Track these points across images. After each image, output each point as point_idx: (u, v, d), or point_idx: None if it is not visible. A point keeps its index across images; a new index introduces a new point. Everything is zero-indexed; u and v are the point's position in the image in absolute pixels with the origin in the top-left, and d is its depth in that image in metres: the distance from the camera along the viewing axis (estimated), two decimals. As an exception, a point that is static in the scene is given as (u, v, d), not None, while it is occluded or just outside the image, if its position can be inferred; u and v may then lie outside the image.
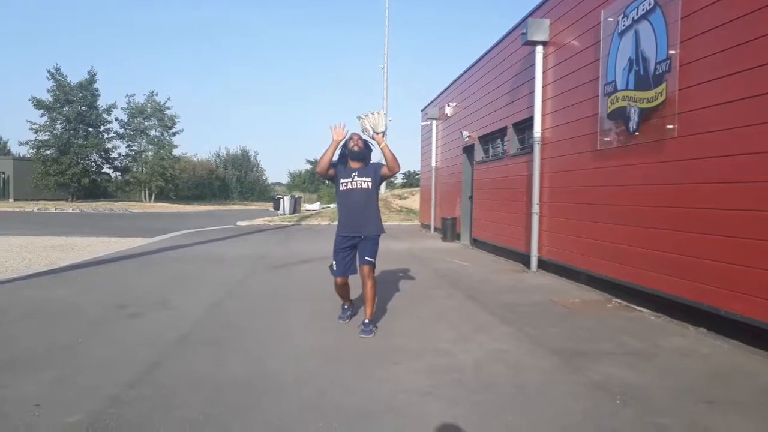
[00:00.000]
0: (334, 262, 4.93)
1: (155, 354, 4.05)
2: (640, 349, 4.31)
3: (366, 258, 4.82)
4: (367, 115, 4.75)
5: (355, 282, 5.02)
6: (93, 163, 41.85)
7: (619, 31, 6.21)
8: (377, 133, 4.74)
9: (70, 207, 33.11)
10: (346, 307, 5.21)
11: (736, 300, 4.47)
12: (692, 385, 3.53)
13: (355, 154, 4.83)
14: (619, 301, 6.15)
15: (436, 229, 15.91)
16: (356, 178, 4.81)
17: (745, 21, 4.44)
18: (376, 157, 5.02)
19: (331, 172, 4.85)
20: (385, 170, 4.84)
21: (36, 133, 39.03)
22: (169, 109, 44.26)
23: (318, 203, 38.31)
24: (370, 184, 4.82)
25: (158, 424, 2.87)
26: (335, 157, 4.86)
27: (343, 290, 5.06)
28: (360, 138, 4.84)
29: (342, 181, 4.84)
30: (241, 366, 3.83)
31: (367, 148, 4.88)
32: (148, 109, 43.57)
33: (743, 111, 4.44)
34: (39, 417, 2.95)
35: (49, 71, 39.21)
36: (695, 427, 2.89)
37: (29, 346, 4.27)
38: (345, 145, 4.86)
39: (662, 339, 4.63)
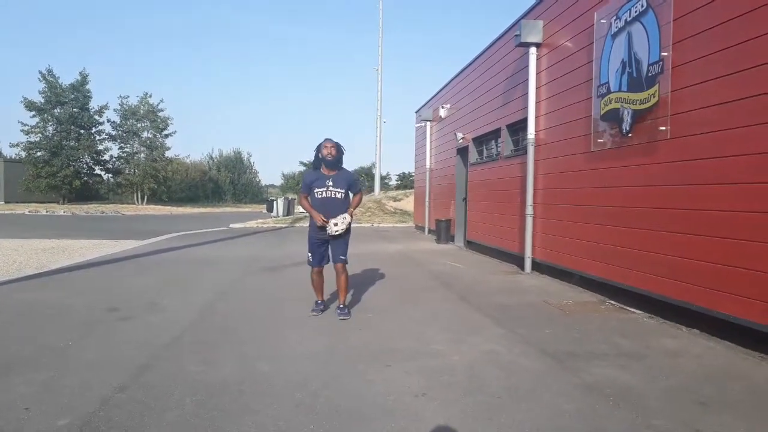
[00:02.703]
0: (309, 254, 5.46)
1: (146, 357, 4.02)
2: (633, 351, 4.32)
3: (340, 257, 5.37)
4: (336, 223, 5.20)
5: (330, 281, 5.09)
6: (84, 165, 41.55)
7: (612, 32, 6.23)
8: (349, 217, 5.27)
9: (61, 209, 32.88)
10: (319, 302, 5.58)
11: (729, 301, 4.49)
12: (685, 386, 3.54)
13: (328, 162, 5.26)
14: (613, 302, 6.16)
15: (430, 231, 15.91)
16: (331, 188, 5.27)
17: (736, 23, 4.47)
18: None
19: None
20: (354, 198, 5.47)
21: (27, 134, 38.76)
22: (162, 111, 44.10)
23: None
24: (343, 195, 5.32)
25: (149, 427, 2.85)
26: (313, 156, 5.44)
27: (318, 278, 5.52)
28: (333, 146, 5.27)
29: (317, 190, 5.30)
30: (233, 368, 3.80)
31: (339, 153, 5.31)
32: (141, 111, 43.37)
33: (735, 112, 4.46)
34: (28, 420, 2.91)
35: (41, 72, 38.99)
36: (688, 428, 2.89)
37: (19, 348, 4.22)
38: (319, 151, 5.29)
39: (655, 340, 4.64)
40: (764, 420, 3.06)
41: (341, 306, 5.42)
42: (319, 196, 5.29)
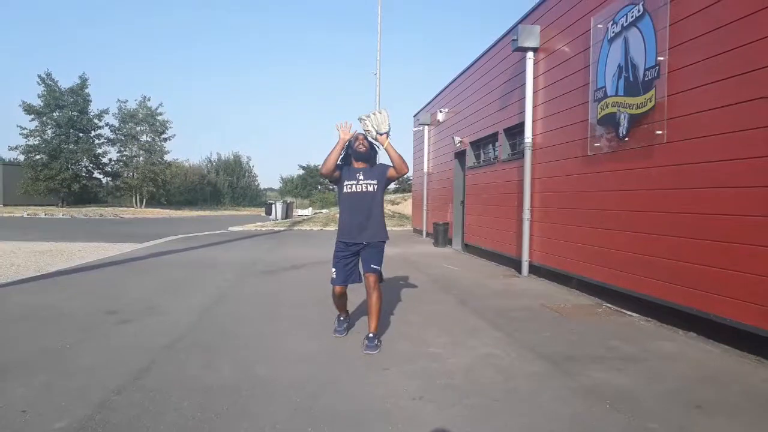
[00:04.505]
0: (333, 270, 4.61)
1: (145, 359, 4.02)
2: (630, 354, 4.33)
3: (372, 266, 4.51)
4: (368, 116, 4.49)
5: (353, 293, 4.91)
6: (83, 169, 41.48)
7: (609, 37, 6.27)
8: (380, 134, 4.47)
9: (60, 212, 32.81)
10: (342, 318, 4.89)
11: (726, 304, 4.51)
12: (681, 389, 3.55)
13: (360, 154, 4.56)
14: (610, 305, 6.18)
15: (428, 235, 15.93)
16: (361, 181, 4.52)
17: (732, 28, 4.50)
18: (382, 157, 4.79)
19: (336, 174, 4.55)
20: (392, 172, 4.54)
21: (26, 138, 38.72)
22: (161, 114, 44.11)
23: (310, 208, 38.23)
24: (375, 187, 4.53)
25: (146, 431, 2.85)
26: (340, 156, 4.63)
27: (341, 300, 4.76)
28: (365, 138, 4.58)
29: (346, 183, 4.55)
30: (231, 371, 3.81)
31: (372, 149, 4.63)
32: (140, 115, 43.38)
33: (731, 117, 4.49)
34: (25, 423, 2.92)
35: (39, 76, 38.97)
36: None
37: (17, 351, 4.22)
38: (349, 146, 4.59)
39: (652, 343, 4.65)
40: (760, 423, 3.08)
41: (370, 335, 4.41)
42: (347, 191, 4.53)
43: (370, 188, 4.52)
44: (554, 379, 3.72)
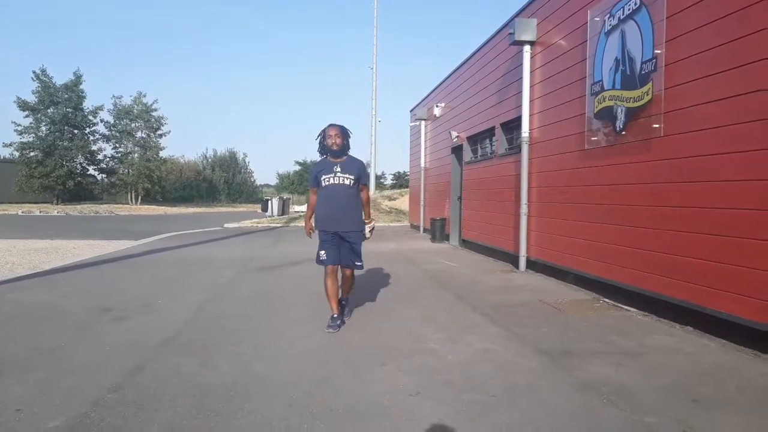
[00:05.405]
0: (322, 252, 4.89)
1: (140, 357, 3.99)
2: (628, 348, 4.32)
3: (351, 261, 4.99)
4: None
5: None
6: (78, 165, 41.33)
7: (606, 30, 6.24)
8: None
9: (54, 210, 32.71)
10: (336, 315, 4.97)
11: (723, 298, 4.50)
12: (679, 383, 3.55)
13: (334, 152, 4.82)
14: (607, 300, 6.17)
15: (425, 230, 15.91)
16: (339, 174, 4.80)
17: (729, 20, 4.47)
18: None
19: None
20: (364, 193, 5.03)
21: (20, 134, 38.56)
22: (156, 110, 43.94)
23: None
24: (352, 181, 4.82)
25: (141, 429, 2.83)
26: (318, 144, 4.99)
27: (333, 281, 4.93)
28: (338, 133, 4.79)
29: (324, 177, 4.83)
30: (228, 368, 3.79)
31: (344, 139, 4.84)
32: (135, 111, 43.19)
33: (728, 110, 4.47)
34: (19, 421, 2.89)
35: (34, 72, 38.77)
36: (681, 425, 2.90)
37: (12, 349, 4.19)
38: (323, 138, 4.85)
39: (649, 338, 4.65)
40: (757, 416, 3.07)
41: (344, 298, 5.21)
42: (326, 184, 4.82)
43: (347, 182, 4.81)
44: (552, 374, 3.71)
